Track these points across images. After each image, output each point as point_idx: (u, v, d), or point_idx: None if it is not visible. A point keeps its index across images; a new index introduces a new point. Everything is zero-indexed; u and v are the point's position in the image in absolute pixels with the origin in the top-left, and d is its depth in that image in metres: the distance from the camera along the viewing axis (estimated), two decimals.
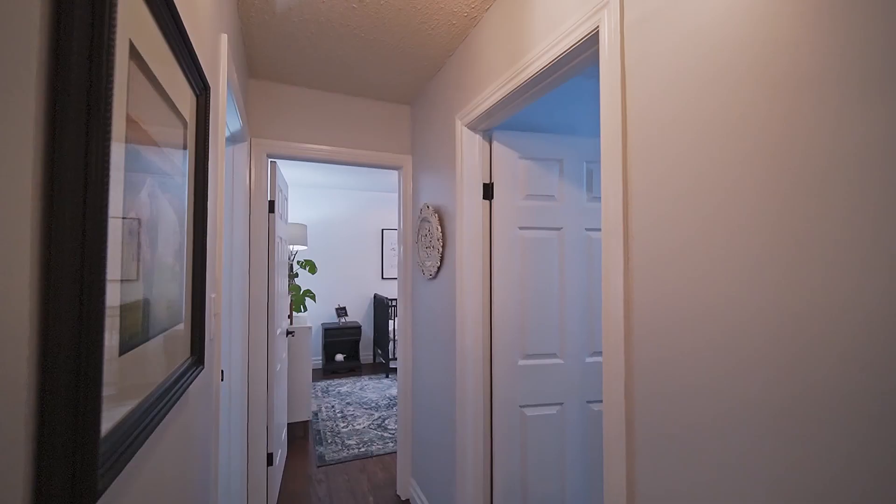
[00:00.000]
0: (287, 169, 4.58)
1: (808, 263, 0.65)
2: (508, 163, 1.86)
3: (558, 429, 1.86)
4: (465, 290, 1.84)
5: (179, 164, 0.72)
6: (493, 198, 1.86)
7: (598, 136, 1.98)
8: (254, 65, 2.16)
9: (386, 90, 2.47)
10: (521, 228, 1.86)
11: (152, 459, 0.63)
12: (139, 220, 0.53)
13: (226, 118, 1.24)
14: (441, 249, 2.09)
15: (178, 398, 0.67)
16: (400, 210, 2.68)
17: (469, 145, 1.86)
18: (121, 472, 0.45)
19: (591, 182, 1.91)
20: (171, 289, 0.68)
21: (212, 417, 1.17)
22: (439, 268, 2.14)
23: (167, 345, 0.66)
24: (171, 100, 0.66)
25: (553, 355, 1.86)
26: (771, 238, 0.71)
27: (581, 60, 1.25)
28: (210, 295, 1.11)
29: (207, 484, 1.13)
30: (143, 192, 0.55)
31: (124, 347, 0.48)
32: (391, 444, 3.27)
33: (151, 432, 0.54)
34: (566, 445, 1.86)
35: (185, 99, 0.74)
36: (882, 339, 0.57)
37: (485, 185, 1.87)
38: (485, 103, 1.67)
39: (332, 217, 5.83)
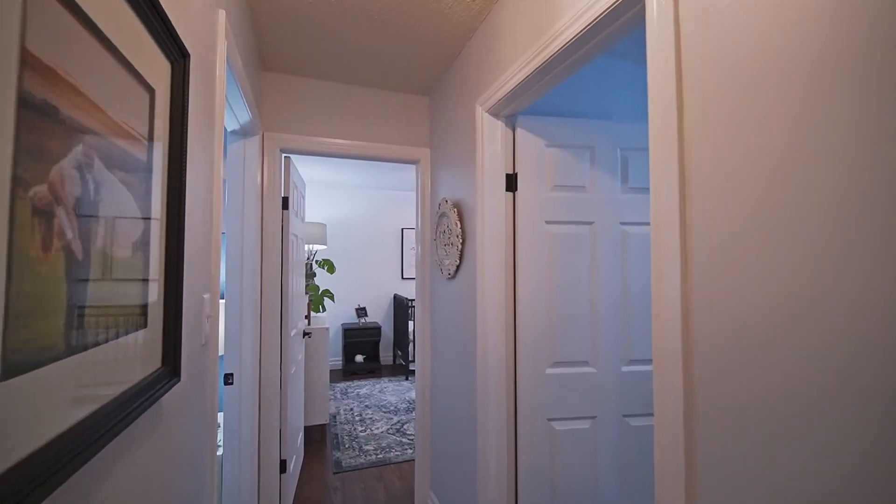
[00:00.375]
0: (307, 168, 4.53)
1: None
2: (534, 151, 1.69)
3: (591, 445, 1.68)
4: (486, 291, 1.69)
5: (142, 138, 0.60)
6: (516, 189, 1.70)
7: (634, 121, 1.79)
8: (266, 56, 2.08)
9: (403, 80, 2.35)
10: (547, 223, 1.69)
11: (96, 497, 0.51)
12: (59, 200, 0.41)
13: (225, 99, 1.13)
14: (460, 247, 1.94)
15: (132, 419, 0.55)
16: (418, 206, 2.55)
17: (490, 133, 1.70)
18: None
19: (626, 171, 1.73)
20: (126, 289, 0.56)
21: (206, 430, 1.06)
22: (458, 266, 2.00)
23: (118, 356, 0.54)
24: (122, 56, 0.54)
25: (584, 363, 1.68)
26: None
27: (620, 25, 1.08)
28: (202, 295, 1.00)
29: (200, 500, 1.02)
30: (68, 163, 0.42)
31: (17, 367, 0.35)
32: (409, 451, 3.14)
33: (74, 472, 0.42)
34: (600, 464, 1.68)
35: (149, 61, 0.63)
36: None
37: (508, 175, 1.71)
38: (508, 84, 1.51)
39: (351, 216, 5.77)
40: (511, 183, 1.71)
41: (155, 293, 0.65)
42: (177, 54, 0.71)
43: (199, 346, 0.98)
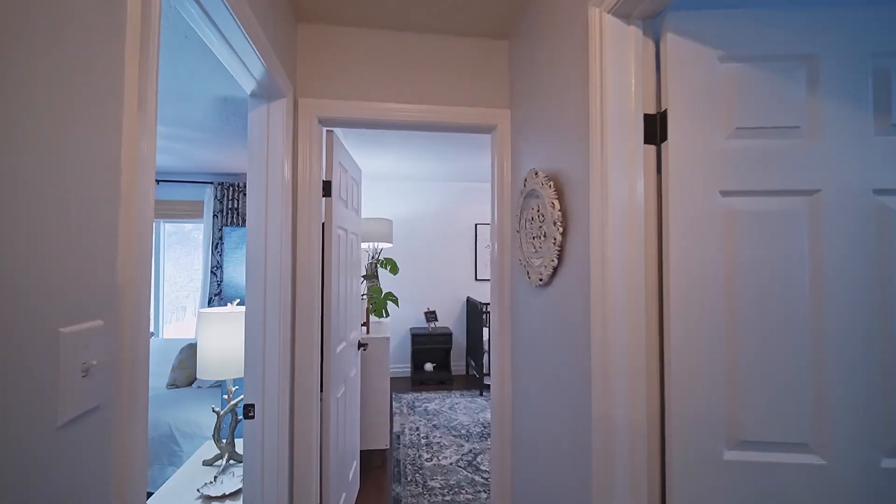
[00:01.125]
0: (367, 158, 4.14)
1: None
2: (697, 71, 0.98)
3: None
4: (608, 310, 1.02)
5: None
6: (665, 139, 1.00)
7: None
8: (300, 3, 1.61)
9: (471, 16, 1.74)
10: (725, 194, 0.97)
11: None
12: None
13: None
14: (559, 239, 1.29)
15: None
16: (493, 187, 1.94)
17: (616, 48, 1.03)
18: None
19: (886, 97, 0.94)
20: None
21: None
22: (556, 268, 1.34)
23: None
24: None
25: (802, 447, 0.93)
26: None
27: None
28: (59, 329, 0.49)
29: None
30: None
31: None
32: (484, 495, 2.53)
33: None
34: None
35: None
36: None
37: (648, 116, 1.02)
38: None
39: (419, 212, 5.31)
40: (654, 129, 1.02)
41: None
42: None
43: (53, 430, 0.47)
